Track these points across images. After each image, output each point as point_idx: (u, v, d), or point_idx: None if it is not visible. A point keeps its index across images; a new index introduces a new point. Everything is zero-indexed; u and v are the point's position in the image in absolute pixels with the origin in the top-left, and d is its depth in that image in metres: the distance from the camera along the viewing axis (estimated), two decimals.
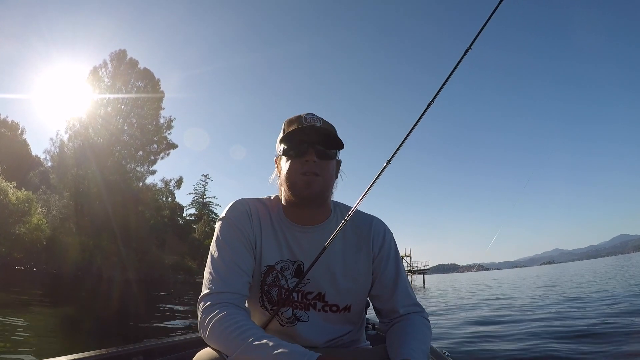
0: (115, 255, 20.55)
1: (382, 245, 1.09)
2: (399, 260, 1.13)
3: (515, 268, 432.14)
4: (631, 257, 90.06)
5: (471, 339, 4.80)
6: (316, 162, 0.99)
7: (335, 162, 1.07)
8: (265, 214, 1.07)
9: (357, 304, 1.09)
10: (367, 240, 1.09)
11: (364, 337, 1.20)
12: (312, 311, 1.04)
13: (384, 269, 1.08)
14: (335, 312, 1.05)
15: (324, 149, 1.02)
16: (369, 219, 1.13)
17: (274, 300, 1.03)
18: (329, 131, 1.02)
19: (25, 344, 4.09)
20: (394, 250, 1.12)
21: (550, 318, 6.14)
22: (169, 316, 8.08)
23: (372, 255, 1.08)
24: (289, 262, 1.04)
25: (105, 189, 22.58)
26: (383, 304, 1.10)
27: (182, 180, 28.07)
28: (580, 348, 3.95)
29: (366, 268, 1.08)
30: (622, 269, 23.61)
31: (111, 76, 25.89)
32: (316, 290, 1.04)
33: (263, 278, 1.03)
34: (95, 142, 24.18)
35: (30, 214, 16.27)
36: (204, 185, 56.48)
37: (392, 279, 1.08)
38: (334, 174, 1.07)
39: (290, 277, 1.03)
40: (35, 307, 7.55)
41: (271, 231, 1.05)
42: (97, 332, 5.58)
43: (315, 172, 0.99)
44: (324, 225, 1.08)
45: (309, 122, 1.01)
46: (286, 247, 1.05)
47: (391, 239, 1.13)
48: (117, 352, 1.30)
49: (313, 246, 1.03)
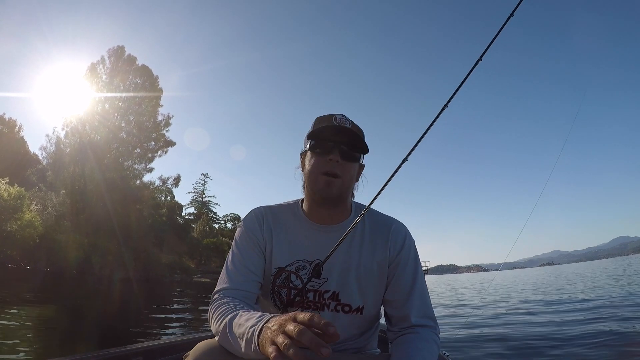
0: (111, 254, 20.36)
1: (400, 249, 1.08)
2: (418, 266, 1.10)
3: (514, 269, 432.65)
4: (630, 259, 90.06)
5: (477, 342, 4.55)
6: (339, 162, 1.02)
7: (358, 165, 1.08)
8: (283, 218, 1.11)
9: (370, 306, 1.08)
10: (385, 243, 1.08)
11: (375, 345, 1.17)
12: (325, 311, 1.05)
13: (400, 274, 1.07)
14: (347, 312, 1.05)
15: (349, 150, 1.03)
16: (389, 222, 1.12)
17: (284, 300, 1.06)
18: (356, 134, 1.03)
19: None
20: (414, 256, 1.09)
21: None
22: (165, 317, 7.89)
23: (388, 258, 1.07)
24: (306, 262, 1.06)
25: (102, 186, 22.41)
26: (395, 310, 1.07)
27: (179, 178, 27.82)
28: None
29: (381, 271, 1.07)
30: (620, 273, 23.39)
31: (109, 73, 25.67)
32: (332, 289, 1.05)
33: (273, 280, 1.07)
34: (93, 140, 23.99)
35: (22, 210, 16.01)
36: (203, 184, 56.49)
37: (408, 285, 1.06)
38: (354, 177, 1.08)
39: (308, 277, 1.04)
40: (19, 306, 7.29)
41: (286, 234, 1.09)
42: (84, 334, 5.36)
43: (336, 173, 1.01)
44: (343, 224, 1.09)
45: (338, 122, 1.04)
46: (303, 247, 1.07)
47: (411, 244, 1.10)
48: (117, 352, 1.30)
49: (332, 245, 1.03)
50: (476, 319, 6.65)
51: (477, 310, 7.97)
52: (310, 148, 1.05)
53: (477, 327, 5.78)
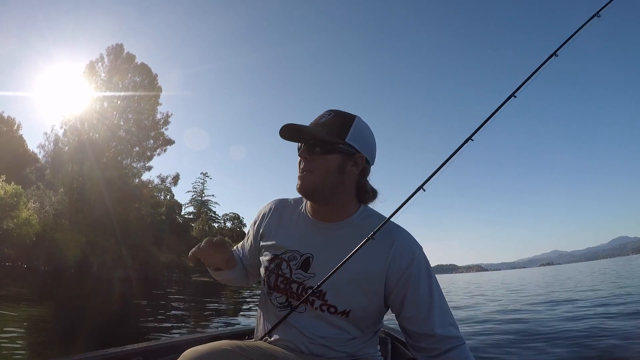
0: (109, 253, 20.27)
1: (410, 263, 1.03)
2: (432, 278, 1.05)
3: (514, 269, 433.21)
4: (630, 259, 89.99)
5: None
6: (307, 158, 1.03)
7: (338, 156, 1.03)
8: (289, 211, 1.18)
9: (358, 312, 1.04)
10: (386, 255, 1.03)
11: (373, 350, 1.13)
12: (309, 306, 1.04)
13: (415, 288, 1.02)
14: (332, 313, 1.03)
15: (315, 144, 1.03)
16: (395, 233, 1.06)
17: (271, 285, 1.11)
18: (318, 127, 1.03)
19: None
20: (425, 268, 1.04)
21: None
22: (164, 317, 7.83)
23: (387, 271, 1.02)
24: (297, 253, 1.08)
25: (100, 185, 22.32)
26: (417, 326, 1.03)
27: (178, 176, 27.74)
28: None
29: (376, 281, 1.03)
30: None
31: (108, 71, 25.57)
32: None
33: (268, 264, 1.13)
34: (91, 138, 23.89)
35: (18, 208, 15.90)
36: (202, 184, 56.45)
37: (426, 299, 1.02)
38: (332, 170, 1.03)
39: (296, 268, 1.07)
40: (14, 305, 7.21)
41: (290, 225, 1.14)
42: (82, 334, 5.29)
43: (308, 169, 1.03)
44: (342, 224, 1.08)
45: (315, 120, 1.07)
46: (299, 239, 1.10)
47: (421, 257, 1.05)
48: (116, 353, 1.31)
49: (326, 242, 1.07)
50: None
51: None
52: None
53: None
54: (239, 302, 12.79)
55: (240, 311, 10.05)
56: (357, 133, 1.05)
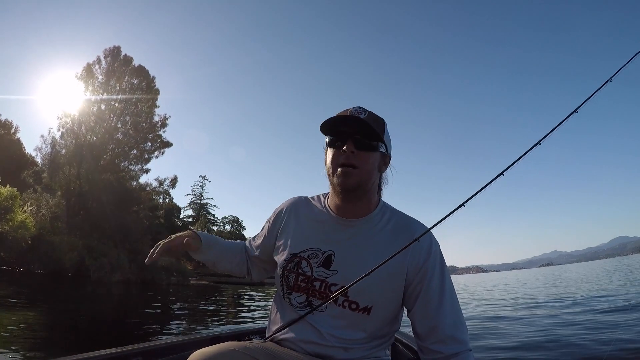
0: (107, 256, 20.10)
1: (427, 258, 1.03)
2: (446, 275, 1.05)
3: (514, 270, 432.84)
4: (630, 259, 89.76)
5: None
6: (355, 152, 1.01)
7: (378, 154, 1.06)
8: (309, 208, 1.16)
9: (379, 309, 1.03)
10: (406, 251, 1.01)
11: (383, 355, 1.11)
12: (331, 303, 1.03)
13: (428, 284, 1.02)
14: (354, 310, 1.02)
15: (364, 140, 1.02)
16: (414, 226, 1.08)
17: (290, 285, 1.08)
18: (368, 123, 1.01)
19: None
20: (440, 264, 1.05)
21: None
22: (162, 319, 7.74)
23: (407, 265, 1.03)
24: (318, 251, 1.07)
25: (98, 188, 22.18)
26: (425, 322, 1.02)
27: (176, 179, 27.60)
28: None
29: (397, 276, 1.03)
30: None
31: (105, 73, 25.43)
32: (341, 283, 1.02)
33: (285, 264, 1.10)
34: (89, 140, 23.77)
35: (13, 211, 15.73)
36: (201, 187, 56.23)
37: (437, 296, 1.02)
38: (374, 168, 1.05)
39: (317, 266, 1.06)
40: (9, 310, 7.09)
41: (309, 223, 1.12)
42: (78, 337, 5.20)
43: (353, 163, 1.00)
44: (365, 219, 1.08)
45: (352, 113, 1.03)
46: (320, 237, 1.09)
47: (437, 251, 1.06)
48: (116, 353, 1.30)
49: (347, 238, 1.06)
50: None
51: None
52: (328, 142, 1.07)
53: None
54: (238, 304, 12.71)
55: (240, 313, 9.98)
56: (387, 134, 1.09)
